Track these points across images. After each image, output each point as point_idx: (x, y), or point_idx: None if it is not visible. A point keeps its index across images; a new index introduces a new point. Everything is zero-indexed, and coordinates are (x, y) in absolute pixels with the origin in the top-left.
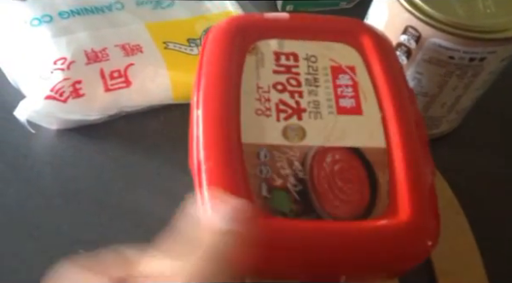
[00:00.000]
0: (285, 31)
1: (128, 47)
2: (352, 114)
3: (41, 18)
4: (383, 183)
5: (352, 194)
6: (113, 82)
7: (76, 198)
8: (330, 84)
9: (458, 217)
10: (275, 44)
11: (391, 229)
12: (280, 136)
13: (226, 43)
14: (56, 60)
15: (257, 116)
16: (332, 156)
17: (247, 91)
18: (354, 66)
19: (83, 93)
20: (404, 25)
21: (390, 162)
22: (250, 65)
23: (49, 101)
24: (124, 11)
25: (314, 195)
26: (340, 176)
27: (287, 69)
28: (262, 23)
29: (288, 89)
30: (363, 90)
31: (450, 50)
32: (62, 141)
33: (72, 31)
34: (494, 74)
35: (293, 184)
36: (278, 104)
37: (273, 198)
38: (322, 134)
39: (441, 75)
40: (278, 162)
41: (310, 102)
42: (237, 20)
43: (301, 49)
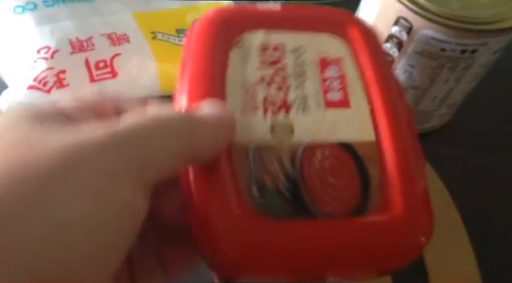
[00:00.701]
0: (273, 22)
1: (114, 36)
2: (340, 107)
3: (25, 5)
4: (375, 178)
5: (344, 191)
6: (98, 72)
7: None
8: (318, 77)
9: (450, 210)
10: (261, 36)
11: (384, 225)
12: (268, 133)
13: (210, 36)
14: (40, 48)
15: (243, 113)
16: (322, 152)
17: (233, 87)
18: (342, 57)
19: (67, 83)
20: (396, 16)
21: (380, 156)
22: (235, 58)
23: (31, 91)
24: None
25: (306, 194)
26: (331, 173)
27: (273, 62)
28: (249, 14)
29: (274, 83)
30: (351, 83)
31: (441, 42)
32: None
33: (56, 19)
34: (485, 67)
35: (285, 184)
36: (265, 99)
37: (265, 199)
38: (310, 129)
39: (432, 68)
40: (268, 161)
41: (297, 96)
42: (223, 11)
43: (289, 40)
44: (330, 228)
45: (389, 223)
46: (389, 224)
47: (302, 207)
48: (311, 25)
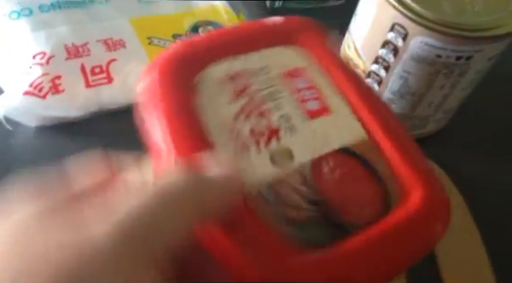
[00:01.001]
0: (228, 49)
1: (110, 42)
2: (323, 115)
3: (20, 11)
4: (383, 172)
5: (366, 193)
6: (94, 78)
7: None
8: (290, 92)
9: (466, 217)
10: (220, 68)
11: (407, 220)
12: (271, 167)
13: (168, 87)
14: (35, 54)
15: (238, 155)
16: (328, 165)
17: (215, 131)
18: (305, 67)
19: (62, 89)
20: (391, 23)
21: (380, 151)
22: (203, 99)
23: (27, 96)
24: (107, 5)
25: (334, 212)
26: (347, 181)
27: (242, 90)
28: (201, 49)
29: (252, 112)
30: (323, 89)
31: (437, 49)
32: (42, 139)
33: (52, 24)
34: (481, 73)
35: (310, 209)
36: (252, 133)
37: (301, 232)
38: (307, 147)
39: (428, 74)
40: (285, 194)
41: (280, 118)
42: (175, 53)
43: (249, 63)
44: (363, 241)
45: (411, 216)
46: (411, 217)
47: (341, 227)
48: (267, 41)
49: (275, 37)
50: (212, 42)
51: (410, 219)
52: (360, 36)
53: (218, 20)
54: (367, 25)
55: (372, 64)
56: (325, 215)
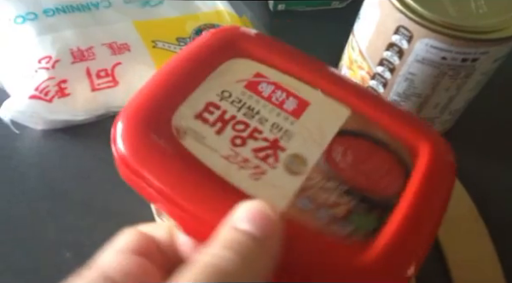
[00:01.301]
0: (183, 88)
1: (115, 45)
2: (305, 110)
3: (25, 15)
4: (387, 140)
5: (384, 166)
6: (99, 81)
7: (62, 200)
8: (263, 101)
9: (477, 224)
10: (188, 110)
11: (427, 180)
12: (294, 179)
13: (151, 145)
14: (41, 58)
15: (256, 180)
16: (337, 153)
17: (219, 168)
18: (257, 71)
19: (68, 92)
20: (396, 25)
21: (372, 121)
22: (190, 143)
23: (33, 100)
24: (111, 9)
25: (368, 193)
26: (362, 161)
27: (221, 119)
28: (161, 98)
29: (244, 135)
30: (287, 84)
31: (442, 51)
32: (48, 142)
33: (57, 29)
34: (487, 75)
35: (348, 200)
36: (257, 156)
37: (352, 225)
38: (311, 146)
39: (434, 76)
40: (319, 198)
41: (271, 129)
42: (137, 110)
43: (210, 91)
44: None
45: (429, 175)
46: (430, 175)
47: (375, 205)
48: (210, 66)
49: (216, 57)
50: (165, 88)
51: (428, 177)
52: (364, 38)
53: (221, 23)
54: (371, 27)
55: (377, 66)
56: (361, 200)
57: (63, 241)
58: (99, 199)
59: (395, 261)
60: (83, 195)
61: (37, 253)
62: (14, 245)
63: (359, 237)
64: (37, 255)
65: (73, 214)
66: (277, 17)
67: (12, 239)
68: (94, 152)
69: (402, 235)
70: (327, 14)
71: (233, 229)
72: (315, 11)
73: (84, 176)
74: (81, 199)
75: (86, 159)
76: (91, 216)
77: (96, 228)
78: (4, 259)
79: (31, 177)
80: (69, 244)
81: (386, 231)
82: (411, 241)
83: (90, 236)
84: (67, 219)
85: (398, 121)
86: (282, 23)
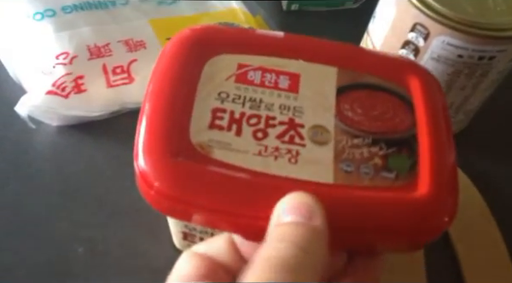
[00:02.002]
0: (181, 112)
1: (131, 42)
2: (299, 81)
3: (43, 12)
4: (383, 82)
5: (390, 106)
6: (115, 78)
7: (75, 195)
8: (259, 88)
9: (490, 226)
10: (200, 124)
11: (411, 202)
12: (324, 148)
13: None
14: (58, 54)
15: (295, 164)
16: (346, 110)
17: (259, 163)
18: (240, 62)
19: (85, 88)
20: (413, 23)
21: (361, 66)
22: (225, 153)
23: (50, 96)
24: (128, 7)
25: (393, 136)
26: (370, 109)
27: (236, 122)
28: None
29: (263, 127)
30: (271, 65)
31: (459, 48)
32: (63, 138)
33: (74, 25)
34: (503, 74)
35: (380, 149)
36: (282, 140)
37: (394, 170)
38: (321, 111)
39: (449, 74)
40: (355, 157)
41: (280, 111)
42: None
43: (207, 102)
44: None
45: (415, 201)
46: (415, 202)
47: (402, 144)
48: (192, 73)
49: (191, 66)
50: (166, 113)
51: (428, 102)
52: (380, 36)
53: (235, 21)
54: (387, 25)
55: None
56: (387, 144)
57: (76, 237)
58: (112, 195)
59: (440, 191)
60: (96, 191)
61: (50, 248)
62: (28, 240)
63: (404, 178)
64: (50, 250)
65: (86, 210)
66: (291, 17)
67: (25, 234)
68: (107, 148)
69: (436, 168)
70: (340, 14)
71: (279, 225)
72: (328, 11)
73: (98, 172)
74: (94, 195)
75: (100, 156)
76: (104, 212)
77: (108, 224)
78: (17, 254)
79: (45, 173)
80: (82, 239)
81: (423, 166)
82: (445, 167)
83: (103, 232)
84: (80, 215)
85: (381, 64)
86: (296, 23)
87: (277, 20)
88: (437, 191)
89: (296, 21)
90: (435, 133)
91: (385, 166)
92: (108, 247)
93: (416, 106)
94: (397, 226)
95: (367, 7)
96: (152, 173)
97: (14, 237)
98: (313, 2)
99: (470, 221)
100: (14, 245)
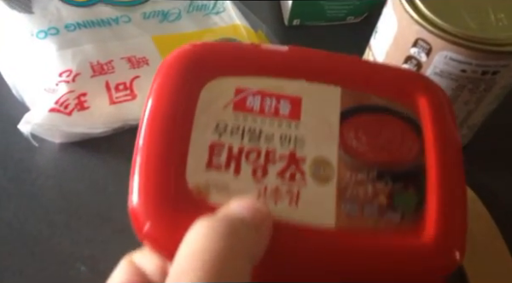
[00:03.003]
0: (177, 151)
1: (134, 59)
2: (300, 106)
3: (47, 31)
4: (389, 104)
5: (397, 132)
6: (118, 94)
7: (78, 212)
8: (259, 117)
9: (497, 242)
10: (197, 163)
11: (417, 248)
12: (327, 187)
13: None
14: (61, 72)
15: (295, 207)
16: (350, 138)
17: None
18: (238, 86)
19: (87, 105)
20: (415, 38)
21: (367, 86)
22: (221, 197)
23: (53, 113)
24: (130, 24)
25: (400, 169)
26: (375, 136)
27: (235, 159)
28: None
29: (263, 164)
30: (271, 87)
31: (462, 63)
32: (66, 155)
33: (78, 43)
34: (506, 89)
35: (385, 185)
36: (282, 179)
37: (400, 209)
38: (324, 141)
39: (453, 89)
40: (359, 195)
41: (281, 143)
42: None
43: (205, 137)
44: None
45: (422, 246)
46: (422, 247)
47: (409, 178)
48: (188, 103)
49: (187, 96)
50: (162, 154)
51: (437, 125)
52: (382, 51)
53: (238, 37)
54: (389, 40)
55: None
56: (393, 179)
57: (78, 255)
58: (115, 212)
59: (449, 229)
60: (99, 208)
61: (53, 266)
62: (30, 257)
63: (410, 219)
64: (52, 268)
65: (89, 227)
66: (293, 32)
67: (28, 252)
68: (110, 165)
69: (444, 205)
70: (342, 28)
71: (225, 215)
72: (330, 26)
73: (100, 188)
74: (97, 212)
75: (102, 172)
76: (107, 229)
77: (110, 241)
78: (20, 272)
79: (48, 190)
80: (84, 257)
81: (430, 204)
82: (453, 201)
83: (105, 250)
84: (83, 232)
85: (387, 81)
86: (298, 37)
87: (279, 35)
88: (445, 232)
89: (298, 36)
90: (444, 161)
91: (390, 206)
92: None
93: (425, 129)
94: (403, 274)
95: (369, 22)
96: (146, 221)
97: (15, 255)
98: (315, 17)
99: (477, 236)
100: (16, 264)
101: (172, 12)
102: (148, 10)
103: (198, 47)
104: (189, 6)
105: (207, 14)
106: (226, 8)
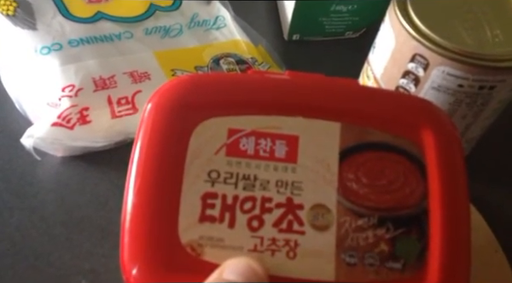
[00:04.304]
0: (168, 206)
1: (136, 74)
2: (297, 148)
3: (50, 46)
4: (392, 139)
5: (399, 172)
6: (120, 108)
7: (79, 226)
8: (253, 161)
9: (497, 255)
10: (189, 217)
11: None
12: (325, 235)
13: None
14: (64, 87)
15: (293, 259)
16: (350, 181)
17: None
18: (230, 127)
19: (90, 119)
20: (412, 53)
21: (368, 120)
22: (216, 252)
23: (55, 127)
24: (133, 40)
25: (402, 213)
26: (376, 178)
27: (229, 209)
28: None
29: (258, 214)
30: (266, 127)
31: (458, 78)
32: (68, 169)
33: (80, 58)
34: (504, 103)
35: (387, 231)
36: (279, 229)
37: (402, 257)
38: (322, 185)
39: (450, 103)
40: (359, 243)
41: (278, 191)
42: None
43: (197, 187)
44: None
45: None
46: None
47: (412, 223)
48: (178, 151)
49: (177, 142)
50: (153, 211)
51: (443, 165)
52: (380, 66)
53: (238, 52)
54: (386, 55)
55: None
56: (395, 224)
57: (79, 268)
58: (116, 226)
59: (452, 276)
60: (100, 222)
61: (53, 280)
62: (31, 271)
63: (412, 267)
64: (53, 282)
65: (90, 241)
66: (292, 46)
67: (28, 265)
68: (111, 178)
69: (448, 250)
70: (341, 43)
71: (220, 279)
72: (329, 41)
73: (102, 202)
74: (98, 225)
75: (104, 186)
76: (108, 243)
77: (112, 255)
78: None
79: (50, 204)
80: (85, 271)
81: (433, 250)
82: (457, 248)
83: (107, 264)
84: (84, 246)
85: (390, 113)
86: (297, 52)
87: (279, 50)
88: (448, 279)
89: (298, 51)
90: (449, 203)
91: (392, 254)
92: (111, 279)
93: (429, 168)
94: None
95: (367, 37)
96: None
97: (16, 268)
98: (314, 32)
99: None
100: (17, 277)
101: (174, 28)
102: (149, 26)
103: (187, 83)
104: (190, 22)
105: (208, 29)
106: (227, 23)
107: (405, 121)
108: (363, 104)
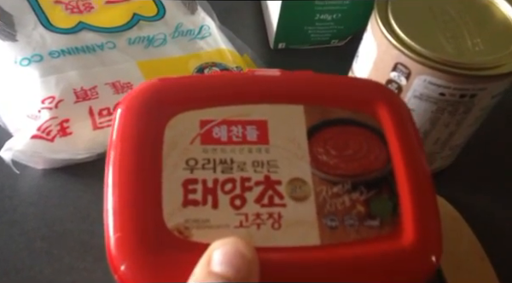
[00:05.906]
0: (150, 195)
1: (119, 84)
2: (266, 128)
3: (31, 58)
4: (352, 114)
5: (363, 141)
6: (101, 119)
7: (60, 240)
8: (228, 146)
9: (483, 263)
10: (172, 203)
11: (396, 252)
12: (306, 204)
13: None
14: (44, 99)
15: (278, 229)
16: (320, 154)
17: (243, 236)
18: (201, 118)
19: (70, 131)
20: (394, 63)
21: (328, 100)
22: (204, 232)
23: (35, 140)
24: (115, 50)
25: (371, 176)
26: (343, 148)
27: (211, 192)
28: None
29: (239, 193)
30: (235, 115)
31: (440, 87)
32: (48, 181)
33: (61, 70)
34: (486, 111)
35: (361, 194)
36: (261, 204)
37: (378, 216)
38: (295, 161)
39: (433, 111)
40: (338, 208)
41: (255, 171)
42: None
43: (176, 175)
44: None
45: (402, 251)
46: (402, 252)
47: (381, 184)
48: (155, 144)
49: (152, 136)
50: (137, 201)
51: (399, 129)
52: (363, 75)
53: (223, 61)
54: (369, 64)
55: None
56: (367, 187)
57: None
58: (98, 239)
59: (425, 232)
60: (82, 236)
61: None
62: None
63: (388, 224)
64: None
65: (72, 255)
66: (278, 55)
67: (8, 280)
68: (93, 191)
69: (418, 207)
70: (326, 52)
71: (209, 273)
72: (315, 49)
73: (84, 215)
74: (80, 239)
75: (86, 199)
76: (90, 256)
77: (94, 269)
78: None
79: (30, 217)
80: None
81: (404, 207)
82: (425, 201)
83: (88, 277)
84: (65, 260)
85: (347, 93)
86: (283, 61)
87: (265, 59)
88: (422, 234)
89: (283, 59)
90: (410, 163)
91: (368, 213)
92: None
93: (388, 135)
94: (387, 279)
95: (353, 45)
96: (129, 273)
97: None
98: (300, 41)
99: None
100: None
101: (158, 37)
102: (133, 36)
103: (156, 85)
104: (174, 31)
105: (193, 38)
106: (212, 32)
107: (361, 98)
108: (322, 87)
